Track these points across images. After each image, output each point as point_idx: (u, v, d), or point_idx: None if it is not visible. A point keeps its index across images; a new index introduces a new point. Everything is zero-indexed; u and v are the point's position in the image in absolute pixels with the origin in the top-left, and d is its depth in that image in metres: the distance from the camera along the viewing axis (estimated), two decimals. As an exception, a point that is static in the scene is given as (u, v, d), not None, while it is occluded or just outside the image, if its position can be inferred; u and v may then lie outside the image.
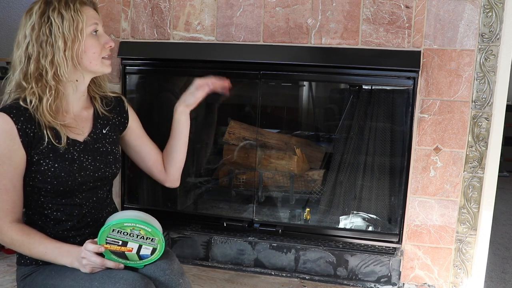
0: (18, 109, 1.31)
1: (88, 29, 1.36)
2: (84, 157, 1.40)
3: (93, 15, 1.38)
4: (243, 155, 2.53)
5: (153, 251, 1.29)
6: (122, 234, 1.26)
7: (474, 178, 1.97)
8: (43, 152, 1.33)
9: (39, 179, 1.33)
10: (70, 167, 1.35)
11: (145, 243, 1.28)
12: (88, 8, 1.38)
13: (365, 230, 2.22)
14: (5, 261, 2.19)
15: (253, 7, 2.07)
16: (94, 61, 1.38)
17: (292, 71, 2.12)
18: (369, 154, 2.25)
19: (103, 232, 1.25)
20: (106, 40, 1.40)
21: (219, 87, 1.65)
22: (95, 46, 1.37)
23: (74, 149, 1.38)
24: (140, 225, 1.26)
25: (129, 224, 1.25)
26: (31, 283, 1.36)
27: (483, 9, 1.87)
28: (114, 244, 1.26)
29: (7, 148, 1.29)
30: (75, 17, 1.33)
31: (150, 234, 1.27)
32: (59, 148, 1.34)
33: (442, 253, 2.04)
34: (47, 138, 1.33)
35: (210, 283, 2.05)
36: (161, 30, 2.16)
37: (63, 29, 1.32)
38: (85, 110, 1.47)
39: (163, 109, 2.39)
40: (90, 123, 1.46)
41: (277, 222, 2.28)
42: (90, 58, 1.37)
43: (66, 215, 1.38)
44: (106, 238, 1.25)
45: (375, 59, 1.97)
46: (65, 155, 1.36)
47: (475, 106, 1.94)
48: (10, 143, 1.29)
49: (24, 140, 1.30)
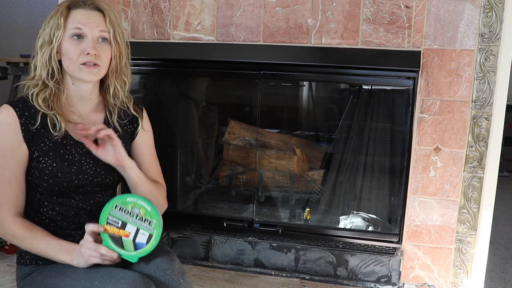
0: (24, 104, 1.33)
1: (67, 33, 1.32)
2: (86, 160, 1.39)
3: (80, 19, 1.33)
4: (243, 155, 2.53)
5: (149, 238, 1.29)
6: (123, 212, 1.28)
7: (474, 178, 1.97)
8: (43, 150, 1.33)
9: (36, 175, 1.33)
10: (68, 168, 1.35)
11: (142, 226, 1.29)
12: (80, 12, 1.34)
13: (365, 230, 2.22)
14: (5, 261, 2.19)
15: (253, 7, 2.07)
16: (71, 66, 1.34)
17: (292, 71, 2.12)
18: (369, 154, 2.25)
19: (106, 209, 1.28)
20: (86, 46, 1.32)
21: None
22: (71, 51, 1.32)
23: (76, 151, 1.38)
24: (141, 201, 1.29)
25: (131, 200, 1.29)
26: (31, 283, 1.36)
27: (483, 9, 1.87)
28: (114, 225, 1.28)
29: (10, 141, 1.30)
30: (56, 20, 1.32)
31: (149, 215, 1.29)
32: (56, 139, 1.34)
33: (442, 253, 2.04)
34: (48, 131, 1.33)
35: (210, 283, 2.05)
36: (161, 30, 2.16)
37: (44, 31, 1.34)
38: (95, 114, 1.45)
39: (163, 109, 2.39)
40: None
41: (277, 222, 2.28)
42: (67, 63, 1.34)
43: (61, 215, 1.37)
44: (107, 217, 1.28)
45: (375, 59, 1.97)
46: (65, 156, 1.36)
47: (475, 106, 1.94)
48: (12, 136, 1.30)
49: (26, 134, 1.31)
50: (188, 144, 2.52)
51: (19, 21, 4.41)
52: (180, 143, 2.44)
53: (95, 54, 1.33)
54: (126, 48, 1.44)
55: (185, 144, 2.49)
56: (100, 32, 1.35)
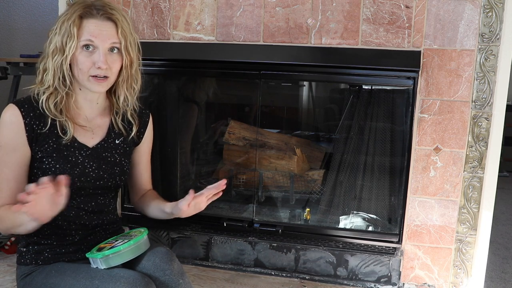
0: (30, 104, 1.34)
1: (79, 43, 1.32)
2: (89, 163, 1.40)
3: (92, 30, 1.32)
4: (243, 155, 2.53)
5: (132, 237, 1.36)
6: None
7: (474, 178, 1.97)
8: (47, 151, 1.34)
9: (39, 175, 1.34)
10: (71, 170, 1.36)
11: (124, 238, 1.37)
12: (92, 22, 1.33)
13: (365, 230, 2.22)
14: (5, 261, 2.19)
15: (253, 7, 2.07)
16: (81, 76, 1.35)
17: (292, 71, 2.12)
18: (369, 154, 2.24)
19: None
20: (97, 59, 1.33)
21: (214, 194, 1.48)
22: (82, 62, 1.33)
23: (80, 153, 1.39)
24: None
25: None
26: (31, 282, 1.36)
27: (483, 9, 1.87)
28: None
29: (12, 139, 1.31)
30: (68, 29, 1.31)
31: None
32: (64, 142, 1.35)
33: (442, 253, 2.04)
34: (53, 133, 1.34)
35: (210, 283, 2.05)
36: (161, 30, 2.16)
37: (56, 37, 1.33)
38: (101, 117, 1.46)
39: (163, 109, 2.39)
40: (104, 131, 1.46)
41: (277, 222, 2.28)
42: (77, 72, 1.35)
43: (63, 215, 1.37)
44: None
45: (375, 59, 1.97)
46: (68, 158, 1.36)
47: (475, 106, 1.94)
48: (15, 136, 1.31)
49: (29, 135, 1.32)
50: (188, 144, 2.52)
51: (19, 21, 4.41)
52: (180, 143, 2.44)
53: (106, 67, 1.33)
54: (138, 53, 1.44)
55: (185, 144, 2.49)
56: (112, 44, 1.35)
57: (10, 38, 4.13)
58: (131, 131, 1.51)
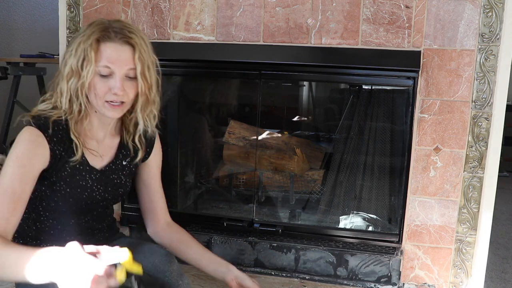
0: (52, 128, 1.28)
1: (97, 69, 1.28)
2: (97, 186, 1.39)
3: (110, 56, 1.27)
4: (243, 155, 2.53)
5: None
6: None
7: (474, 178, 1.97)
8: (62, 176, 1.32)
9: (47, 194, 1.32)
10: (80, 194, 1.35)
11: None
12: (110, 46, 1.28)
13: (365, 230, 2.22)
14: (5, 261, 2.18)
15: (253, 7, 2.07)
16: (96, 101, 1.30)
17: (292, 71, 2.12)
18: (369, 154, 2.25)
19: None
20: (114, 85, 1.28)
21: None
22: (98, 87, 1.29)
23: (90, 177, 1.37)
24: None
25: None
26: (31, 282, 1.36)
27: (483, 9, 1.87)
28: None
29: (34, 157, 1.25)
30: (85, 52, 1.27)
31: None
32: (77, 166, 1.33)
33: (442, 253, 2.04)
34: (71, 157, 1.31)
35: (210, 283, 2.05)
36: (161, 30, 2.16)
37: (71, 58, 1.29)
38: (110, 138, 1.44)
39: (163, 109, 2.39)
40: (113, 152, 1.44)
41: (277, 222, 2.28)
42: (93, 96, 1.30)
43: (62, 224, 1.37)
44: None
45: (375, 59, 1.97)
46: (79, 182, 1.34)
47: (475, 106, 1.94)
48: (38, 157, 1.25)
49: (52, 160, 1.28)
50: (188, 144, 2.52)
51: (19, 21, 4.40)
52: (180, 143, 2.44)
53: (122, 93, 1.30)
54: (157, 76, 1.40)
55: (185, 144, 2.49)
56: (129, 70, 1.31)
57: (10, 38, 4.13)
58: (139, 151, 1.47)
